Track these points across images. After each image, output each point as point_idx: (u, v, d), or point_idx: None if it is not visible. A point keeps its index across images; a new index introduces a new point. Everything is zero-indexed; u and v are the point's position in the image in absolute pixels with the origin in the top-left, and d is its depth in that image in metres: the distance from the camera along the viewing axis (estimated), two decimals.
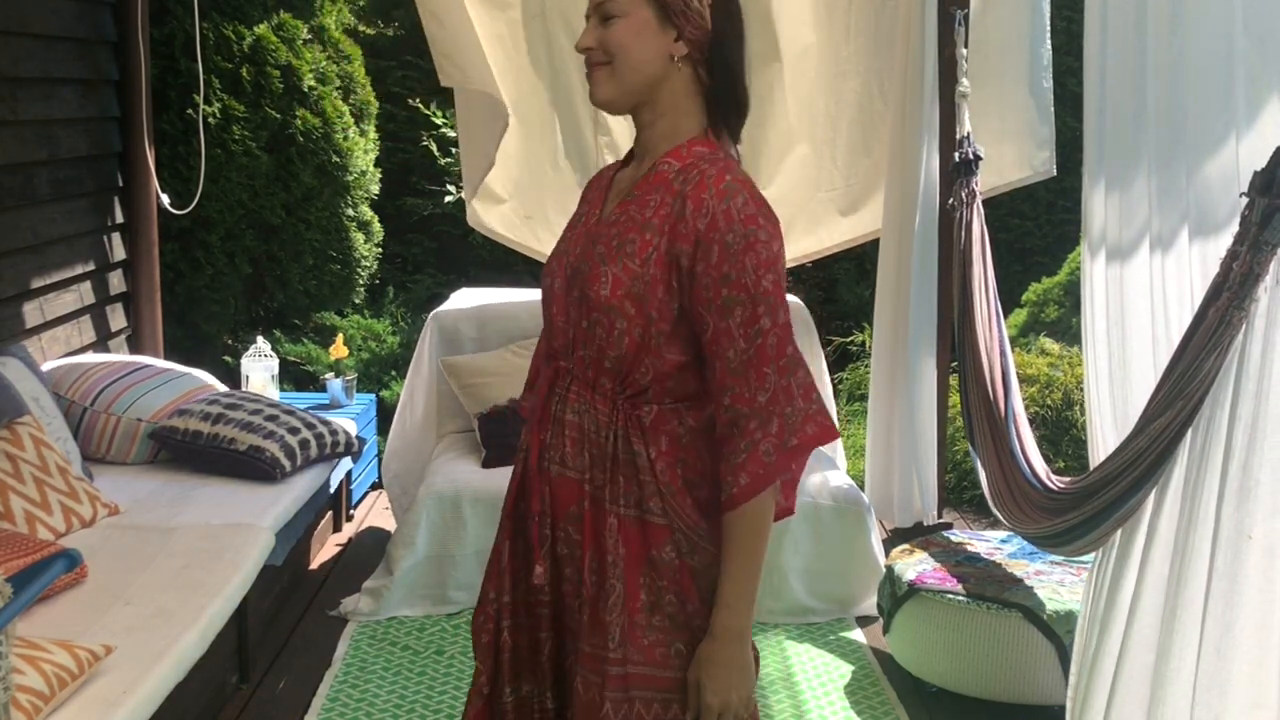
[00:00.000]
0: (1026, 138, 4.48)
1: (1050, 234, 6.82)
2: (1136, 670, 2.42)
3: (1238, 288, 2.16)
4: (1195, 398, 2.27)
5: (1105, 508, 2.57)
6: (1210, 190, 2.36)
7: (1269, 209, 2.11)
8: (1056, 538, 2.93)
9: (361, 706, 3.47)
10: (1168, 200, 2.46)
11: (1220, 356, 2.21)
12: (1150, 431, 2.38)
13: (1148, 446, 2.40)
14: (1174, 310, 2.46)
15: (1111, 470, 2.53)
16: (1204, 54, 2.37)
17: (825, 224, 4.99)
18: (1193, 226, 2.41)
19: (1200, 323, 2.25)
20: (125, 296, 5.07)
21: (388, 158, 6.63)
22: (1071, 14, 6.12)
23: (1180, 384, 2.29)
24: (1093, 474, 2.66)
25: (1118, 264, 2.60)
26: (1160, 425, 2.35)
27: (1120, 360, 2.60)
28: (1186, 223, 2.42)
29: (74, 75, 4.64)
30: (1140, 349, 2.56)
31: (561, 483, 1.96)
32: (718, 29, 1.89)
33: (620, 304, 1.86)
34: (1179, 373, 2.30)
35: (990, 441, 3.59)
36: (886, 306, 4.61)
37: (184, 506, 3.75)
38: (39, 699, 2.38)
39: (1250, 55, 2.30)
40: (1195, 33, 2.39)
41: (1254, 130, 2.28)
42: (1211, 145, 2.36)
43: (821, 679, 3.71)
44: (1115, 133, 2.60)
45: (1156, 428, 2.36)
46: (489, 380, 4.44)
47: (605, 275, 1.87)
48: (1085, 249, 2.75)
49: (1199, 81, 2.39)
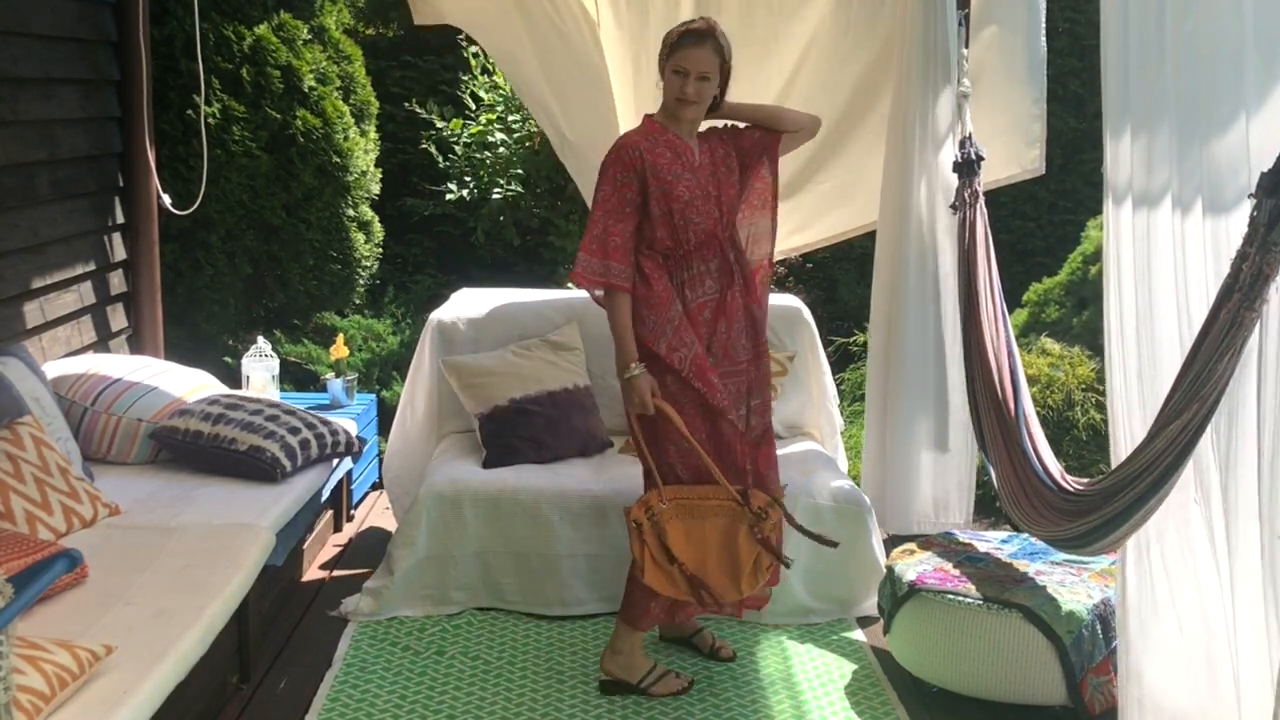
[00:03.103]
0: (1016, 135, 4.48)
1: (1051, 234, 6.82)
2: (1177, 663, 2.44)
3: (1248, 288, 2.16)
4: (1210, 399, 2.27)
5: (1124, 509, 2.57)
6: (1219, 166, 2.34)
7: (1276, 210, 2.11)
8: (1076, 540, 2.93)
9: (362, 707, 3.47)
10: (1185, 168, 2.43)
11: (1234, 358, 2.22)
12: (1168, 434, 2.38)
13: (1165, 449, 2.40)
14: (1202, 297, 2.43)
15: (1130, 473, 2.53)
16: (1216, 32, 2.36)
17: (816, 218, 5.01)
18: (1206, 200, 2.39)
19: (1212, 324, 2.25)
20: (126, 296, 5.07)
21: (388, 158, 6.63)
22: (1073, 15, 6.12)
23: (1195, 386, 2.29)
24: (1110, 476, 2.66)
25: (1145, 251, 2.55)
26: (1177, 428, 2.35)
27: (1150, 358, 2.57)
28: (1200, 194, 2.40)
29: (75, 75, 4.64)
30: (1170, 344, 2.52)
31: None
32: (729, 76, 3.56)
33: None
34: (1193, 375, 2.30)
35: (1001, 443, 3.58)
36: (880, 312, 4.61)
37: (184, 506, 3.75)
38: (40, 699, 2.38)
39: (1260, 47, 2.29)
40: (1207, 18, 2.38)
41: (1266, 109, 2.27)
42: (1224, 119, 2.34)
43: (822, 679, 3.71)
44: (1140, 94, 2.53)
45: (1173, 430, 2.36)
46: (489, 380, 4.44)
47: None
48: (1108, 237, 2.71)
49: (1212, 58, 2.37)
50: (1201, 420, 2.31)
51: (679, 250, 3.51)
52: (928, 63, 4.31)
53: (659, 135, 3.51)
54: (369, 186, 6.13)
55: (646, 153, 3.46)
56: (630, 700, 3.55)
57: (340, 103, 5.89)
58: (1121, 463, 2.60)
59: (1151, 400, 2.53)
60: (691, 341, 3.47)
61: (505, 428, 4.31)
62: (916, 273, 4.42)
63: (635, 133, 3.55)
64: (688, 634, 3.89)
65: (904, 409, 4.52)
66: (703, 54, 3.42)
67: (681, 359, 3.46)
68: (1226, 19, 2.33)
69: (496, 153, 6.83)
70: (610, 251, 3.43)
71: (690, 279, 3.54)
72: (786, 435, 4.68)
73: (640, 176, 3.45)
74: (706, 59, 3.43)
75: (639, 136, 3.51)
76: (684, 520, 3.45)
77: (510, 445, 4.27)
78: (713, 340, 3.55)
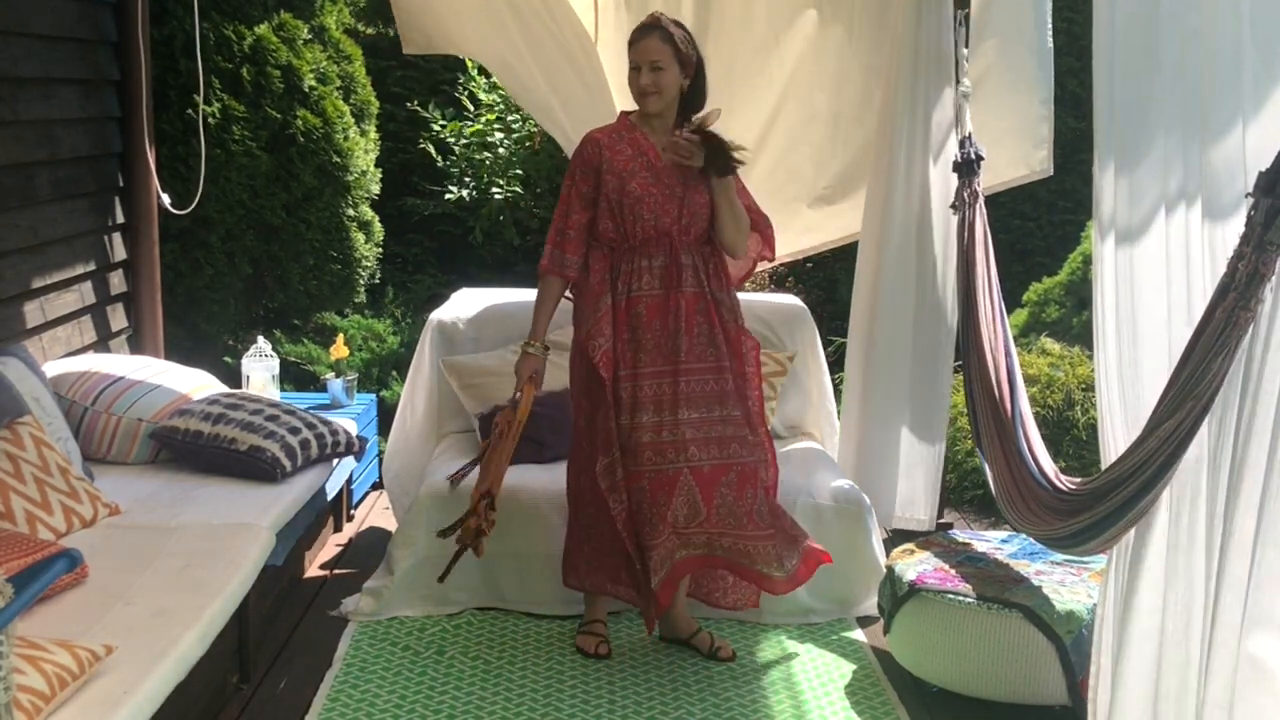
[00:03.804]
0: (1024, 137, 4.48)
1: (1051, 234, 6.82)
2: (1152, 668, 2.43)
3: (1244, 288, 2.16)
4: (1204, 399, 2.27)
5: (1117, 509, 2.56)
6: (1218, 174, 2.34)
7: (1273, 209, 2.11)
8: (1069, 539, 2.92)
9: (362, 707, 3.47)
10: (1179, 181, 2.43)
11: (1228, 357, 2.21)
12: (1160, 433, 2.38)
13: (1158, 448, 2.39)
14: (1183, 301, 2.43)
15: (1122, 472, 2.53)
16: (1214, 38, 2.36)
17: (821, 220, 5.00)
18: (1204, 208, 2.39)
19: (1207, 324, 2.25)
20: (126, 296, 5.07)
21: (388, 158, 6.63)
22: (1072, 15, 6.11)
23: (1189, 385, 2.29)
24: (1103, 476, 2.66)
25: (1128, 253, 2.56)
26: (1170, 427, 2.35)
27: (1131, 360, 2.58)
28: (1199, 203, 2.40)
29: (75, 75, 4.64)
30: (1153, 344, 2.53)
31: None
32: (696, 65, 3.64)
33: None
34: (1187, 374, 2.30)
35: (997, 443, 3.58)
36: (859, 312, 4.62)
37: (184, 506, 3.75)
38: (40, 699, 2.38)
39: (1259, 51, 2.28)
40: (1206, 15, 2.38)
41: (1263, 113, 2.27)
42: (1220, 128, 2.34)
43: (822, 679, 3.71)
44: (1125, 116, 2.55)
45: (1166, 429, 2.36)
46: (489, 380, 4.44)
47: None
48: (1096, 236, 2.72)
49: (1211, 64, 2.37)
50: (1195, 420, 2.30)
51: (624, 243, 3.67)
52: (924, 62, 4.31)
53: (626, 132, 3.69)
54: (369, 186, 6.13)
55: (606, 148, 3.65)
56: (630, 700, 3.55)
57: (340, 103, 5.89)
58: (1113, 462, 2.59)
59: (1134, 401, 2.54)
60: (608, 335, 3.64)
61: None
62: (897, 270, 4.43)
63: (602, 129, 3.74)
64: (686, 634, 3.89)
65: (881, 406, 4.53)
66: (650, 44, 3.57)
67: (595, 347, 3.64)
68: (1225, 18, 2.33)
69: (496, 153, 6.83)
70: (566, 244, 3.67)
71: (630, 271, 3.66)
72: (786, 435, 4.69)
73: (596, 171, 3.64)
74: (655, 48, 3.56)
75: (603, 132, 3.72)
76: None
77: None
78: (643, 336, 3.63)
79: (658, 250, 3.64)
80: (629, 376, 3.62)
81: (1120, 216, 2.56)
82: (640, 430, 3.59)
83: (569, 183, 3.69)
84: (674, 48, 3.57)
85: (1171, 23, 2.43)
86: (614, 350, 3.62)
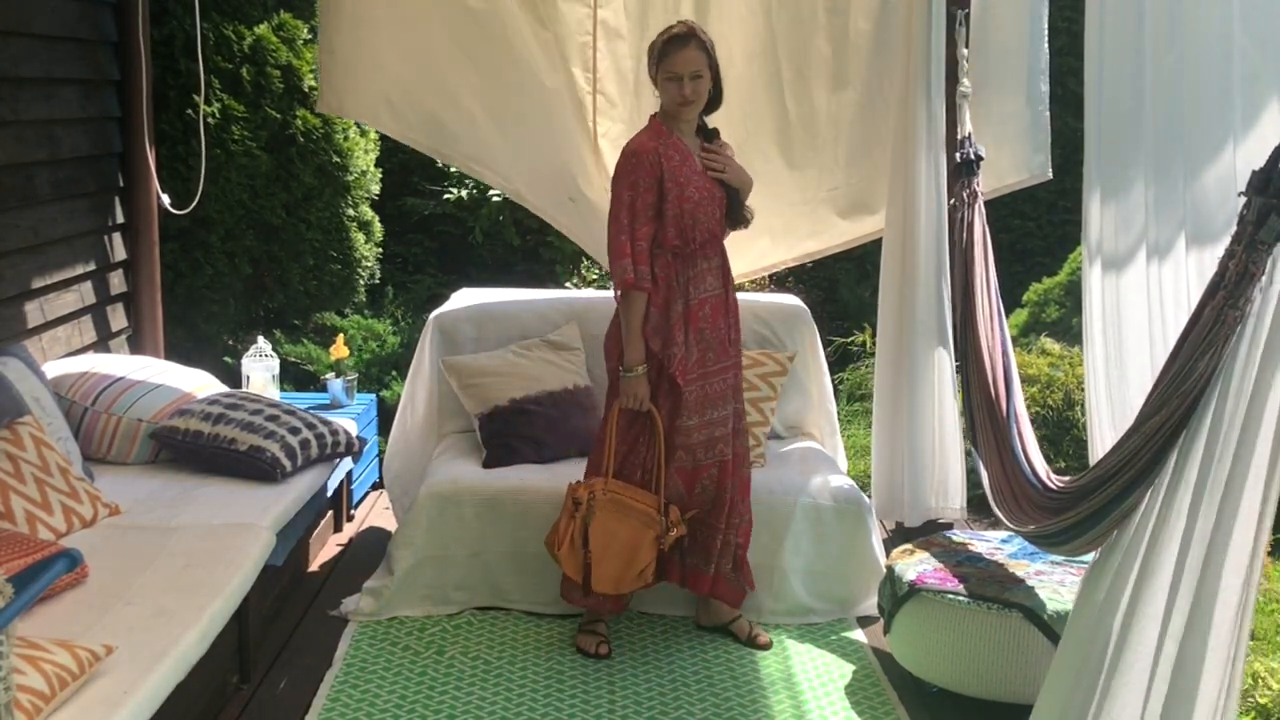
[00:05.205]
0: (1023, 141, 4.47)
1: (1051, 234, 6.83)
2: (1136, 667, 2.42)
3: (1233, 286, 2.16)
4: (1190, 396, 2.27)
5: (1102, 506, 2.57)
6: (1208, 197, 2.36)
7: (1265, 207, 2.11)
8: (1056, 536, 2.93)
9: (362, 707, 3.47)
10: (1165, 208, 2.46)
11: (1215, 356, 2.21)
12: (1146, 430, 2.38)
13: (1143, 445, 2.39)
14: (1170, 313, 2.46)
15: (1108, 469, 2.53)
16: (1203, 59, 2.37)
17: (827, 224, 4.99)
18: (1190, 234, 2.40)
19: (1196, 321, 2.25)
20: (126, 296, 5.07)
21: (388, 158, 6.63)
22: (1073, 15, 6.12)
23: (1176, 382, 2.29)
24: (1089, 473, 2.66)
25: (1114, 271, 2.60)
26: (1155, 424, 2.35)
27: (1117, 362, 2.60)
28: (1184, 230, 2.42)
29: (75, 75, 4.64)
30: (1137, 350, 2.56)
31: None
32: (719, 71, 3.72)
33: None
34: (1174, 371, 2.30)
35: (992, 441, 3.59)
36: (890, 307, 4.60)
37: (184, 506, 3.75)
38: (40, 699, 2.38)
39: (1250, 56, 2.29)
40: (1194, 39, 2.39)
41: (1252, 135, 2.28)
42: (1210, 152, 2.36)
43: (822, 679, 3.71)
44: (1113, 139, 2.60)
45: (1152, 426, 2.36)
46: (489, 380, 4.44)
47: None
48: (1085, 254, 2.75)
49: (1197, 87, 2.39)
50: (1181, 418, 2.30)
51: (686, 249, 3.69)
52: (926, 62, 4.31)
53: (666, 138, 3.70)
54: (369, 186, 6.13)
55: (663, 157, 3.66)
56: (630, 700, 3.55)
57: None
58: (1100, 459, 2.60)
59: (1120, 400, 2.55)
60: (681, 342, 3.69)
61: (505, 428, 4.31)
62: (925, 268, 4.41)
63: (647, 136, 3.71)
64: (725, 621, 3.96)
65: (912, 402, 4.51)
66: (690, 55, 3.62)
67: (670, 357, 3.68)
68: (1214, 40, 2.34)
69: None
70: (638, 256, 3.64)
71: (695, 276, 3.72)
72: (786, 435, 4.69)
73: (658, 182, 3.65)
74: (695, 58, 3.63)
75: (652, 140, 3.68)
76: (610, 513, 3.66)
77: (510, 445, 4.28)
78: (712, 335, 3.76)
79: (713, 251, 3.78)
80: (699, 378, 3.74)
81: (1107, 236, 2.58)
82: (713, 425, 3.77)
83: (629, 194, 3.64)
84: (708, 55, 3.65)
85: (1155, 54, 2.45)
86: (686, 356, 3.71)
